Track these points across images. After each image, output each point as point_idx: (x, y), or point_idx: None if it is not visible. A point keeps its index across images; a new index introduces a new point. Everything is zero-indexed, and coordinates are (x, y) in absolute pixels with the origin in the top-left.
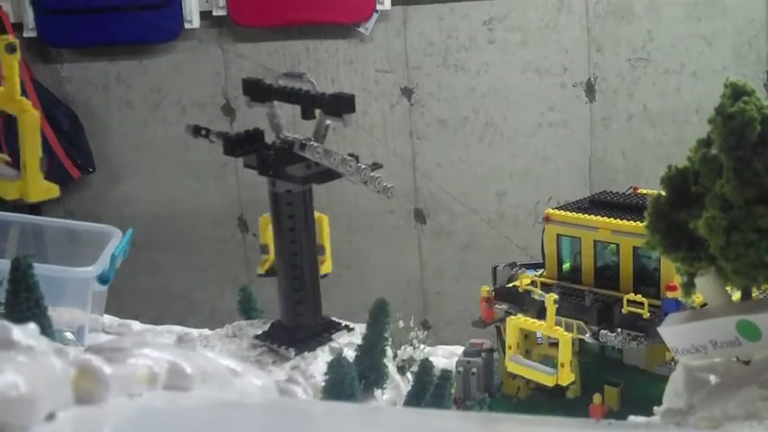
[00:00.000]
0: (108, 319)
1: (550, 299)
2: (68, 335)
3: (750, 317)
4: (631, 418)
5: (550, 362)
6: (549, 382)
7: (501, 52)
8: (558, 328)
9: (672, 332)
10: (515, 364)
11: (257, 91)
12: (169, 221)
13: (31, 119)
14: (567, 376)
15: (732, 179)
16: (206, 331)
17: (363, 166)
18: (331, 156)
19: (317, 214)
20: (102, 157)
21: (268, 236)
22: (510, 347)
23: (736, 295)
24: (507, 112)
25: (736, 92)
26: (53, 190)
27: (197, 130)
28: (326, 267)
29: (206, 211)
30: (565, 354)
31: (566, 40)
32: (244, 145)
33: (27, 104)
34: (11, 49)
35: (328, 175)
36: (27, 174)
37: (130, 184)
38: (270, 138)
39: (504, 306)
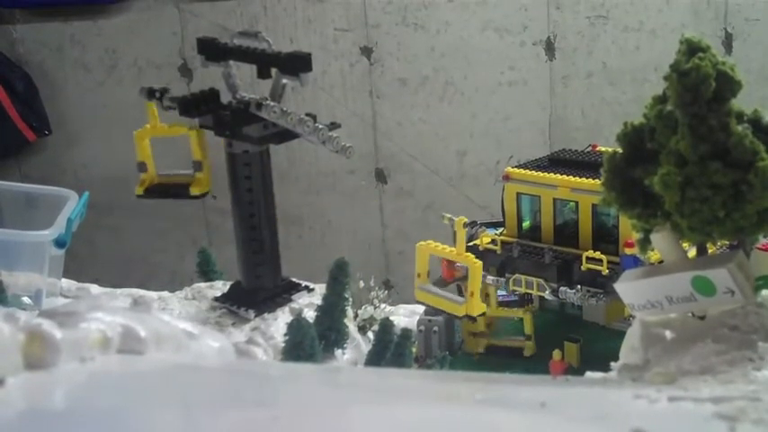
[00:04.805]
0: (66, 282)
1: (459, 222)
2: (26, 299)
3: (705, 272)
4: (588, 373)
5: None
6: (458, 312)
7: (460, 10)
8: (469, 254)
9: (628, 288)
10: (424, 293)
11: (212, 50)
12: (127, 184)
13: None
14: (477, 306)
15: (687, 135)
16: (165, 293)
17: (321, 126)
18: (288, 116)
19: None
20: (58, 119)
21: (476, 284)
22: (419, 275)
23: (692, 251)
24: (467, 72)
25: (692, 48)
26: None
27: (151, 93)
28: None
29: None
30: (474, 282)
31: None
32: (199, 105)
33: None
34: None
35: (286, 135)
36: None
37: (87, 147)
38: (226, 98)
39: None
